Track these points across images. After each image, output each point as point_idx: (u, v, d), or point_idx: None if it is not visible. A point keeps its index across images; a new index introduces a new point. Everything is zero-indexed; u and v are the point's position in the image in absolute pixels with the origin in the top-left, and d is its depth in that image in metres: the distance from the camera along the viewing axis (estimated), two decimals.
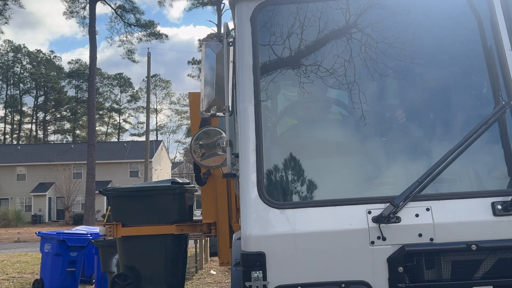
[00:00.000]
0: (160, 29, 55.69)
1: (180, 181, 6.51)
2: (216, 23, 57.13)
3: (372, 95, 3.53)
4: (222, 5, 57.47)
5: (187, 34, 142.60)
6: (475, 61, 3.53)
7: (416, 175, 3.11)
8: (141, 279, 6.17)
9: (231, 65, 3.66)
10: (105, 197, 58.60)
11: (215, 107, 3.60)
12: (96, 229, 13.00)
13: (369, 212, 3.06)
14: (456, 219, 3.04)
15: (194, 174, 6.18)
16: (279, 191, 3.31)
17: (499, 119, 3.19)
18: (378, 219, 3.00)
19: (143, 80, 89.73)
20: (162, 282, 6.26)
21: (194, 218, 6.79)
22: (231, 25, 3.99)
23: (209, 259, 17.03)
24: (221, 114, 3.59)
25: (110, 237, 6.36)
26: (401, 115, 3.54)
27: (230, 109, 3.56)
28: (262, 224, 3.10)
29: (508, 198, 3.02)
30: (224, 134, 3.64)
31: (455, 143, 3.08)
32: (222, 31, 3.70)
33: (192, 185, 6.89)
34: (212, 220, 6.23)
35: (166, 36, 56.21)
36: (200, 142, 3.73)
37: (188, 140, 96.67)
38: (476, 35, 3.46)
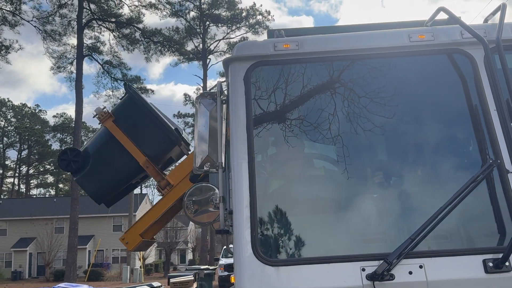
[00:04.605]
0: (146, 85, 56.05)
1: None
2: (202, 77, 57.86)
3: (366, 154, 3.61)
4: (208, 60, 58.43)
5: (167, 91, 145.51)
6: (462, 120, 3.64)
7: (408, 232, 3.14)
8: (93, 172, 6.28)
9: (224, 122, 3.72)
10: (87, 252, 57.51)
11: (209, 163, 3.63)
12: (79, 286, 12.70)
13: (363, 270, 3.06)
14: (449, 276, 3.05)
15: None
16: (274, 248, 3.31)
17: (487, 177, 3.26)
18: (372, 277, 3.00)
19: None
20: (103, 187, 6.49)
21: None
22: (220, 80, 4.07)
23: None
24: (214, 170, 3.62)
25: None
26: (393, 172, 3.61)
27: (223, 166, 3.59)
28: (257, 282, 3.08)
29: (499, 255, 3.05)
30: (217, 191, 3.65)
31: (445, 200, 3.13)
32: (215, 90, 3.78)
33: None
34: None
35: (152, 91, 56.75)
36: (193, 198, 3.74)
37: None
38: (461, 96, 3.58)
